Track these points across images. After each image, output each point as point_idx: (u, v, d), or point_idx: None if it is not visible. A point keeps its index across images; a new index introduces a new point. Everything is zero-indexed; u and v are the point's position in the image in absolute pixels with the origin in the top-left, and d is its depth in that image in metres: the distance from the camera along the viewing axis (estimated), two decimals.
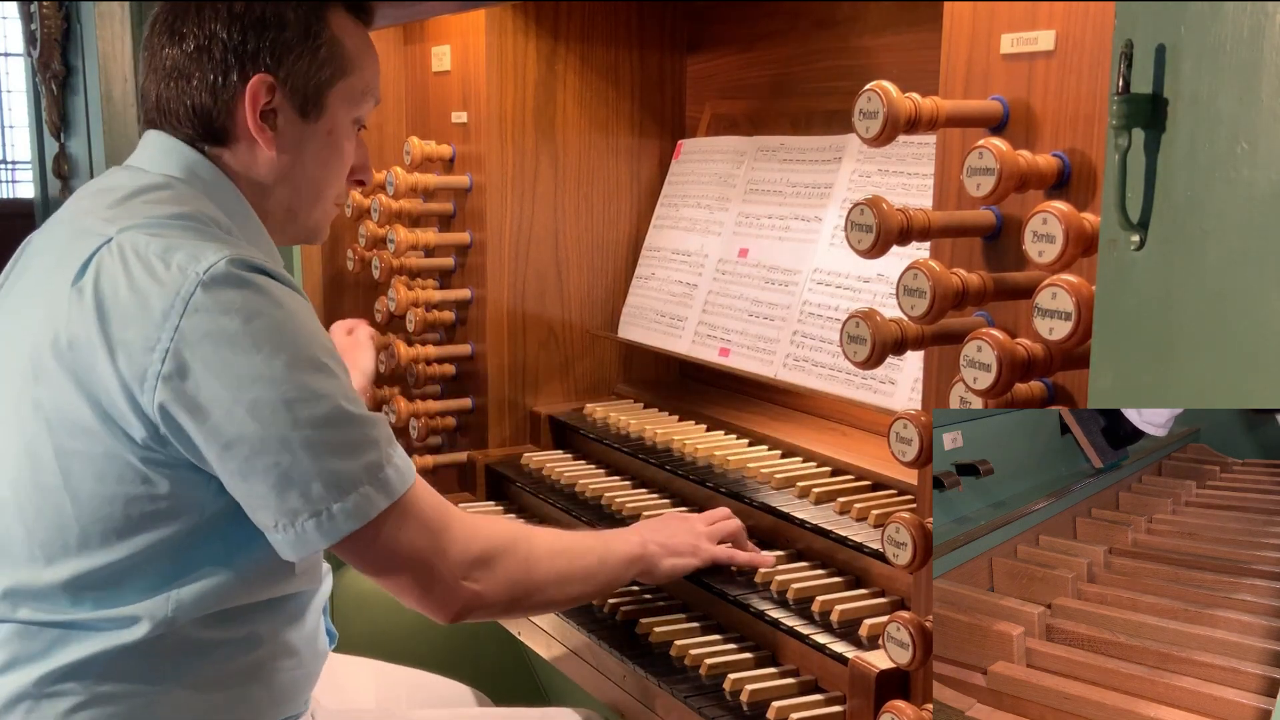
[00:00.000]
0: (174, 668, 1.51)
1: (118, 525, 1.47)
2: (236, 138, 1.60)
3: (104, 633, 1.48)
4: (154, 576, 1.49)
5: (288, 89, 1.60)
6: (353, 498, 1.45)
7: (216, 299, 1.41)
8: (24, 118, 5.70)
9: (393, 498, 1.48)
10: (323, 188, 1.69)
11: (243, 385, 1.41)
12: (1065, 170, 1.29)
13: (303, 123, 1.62)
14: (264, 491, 1.43)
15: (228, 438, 1.41)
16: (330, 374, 1.47)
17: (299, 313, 1.47)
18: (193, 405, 1.41)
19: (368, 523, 1.46)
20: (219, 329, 1.41)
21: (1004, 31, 1.34)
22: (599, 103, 2.55)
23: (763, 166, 2.34)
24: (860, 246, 1.32)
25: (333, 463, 1.44)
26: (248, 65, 1.57)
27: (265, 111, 1.59)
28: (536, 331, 2.55)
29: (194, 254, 1.43)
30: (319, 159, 1.66)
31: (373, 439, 1.48)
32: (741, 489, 2.00)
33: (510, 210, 2.48)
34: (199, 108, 1.59)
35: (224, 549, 1.50)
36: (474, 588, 1.58)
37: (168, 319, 1.40)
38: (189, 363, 1.40)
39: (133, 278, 1.44)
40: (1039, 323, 1.16)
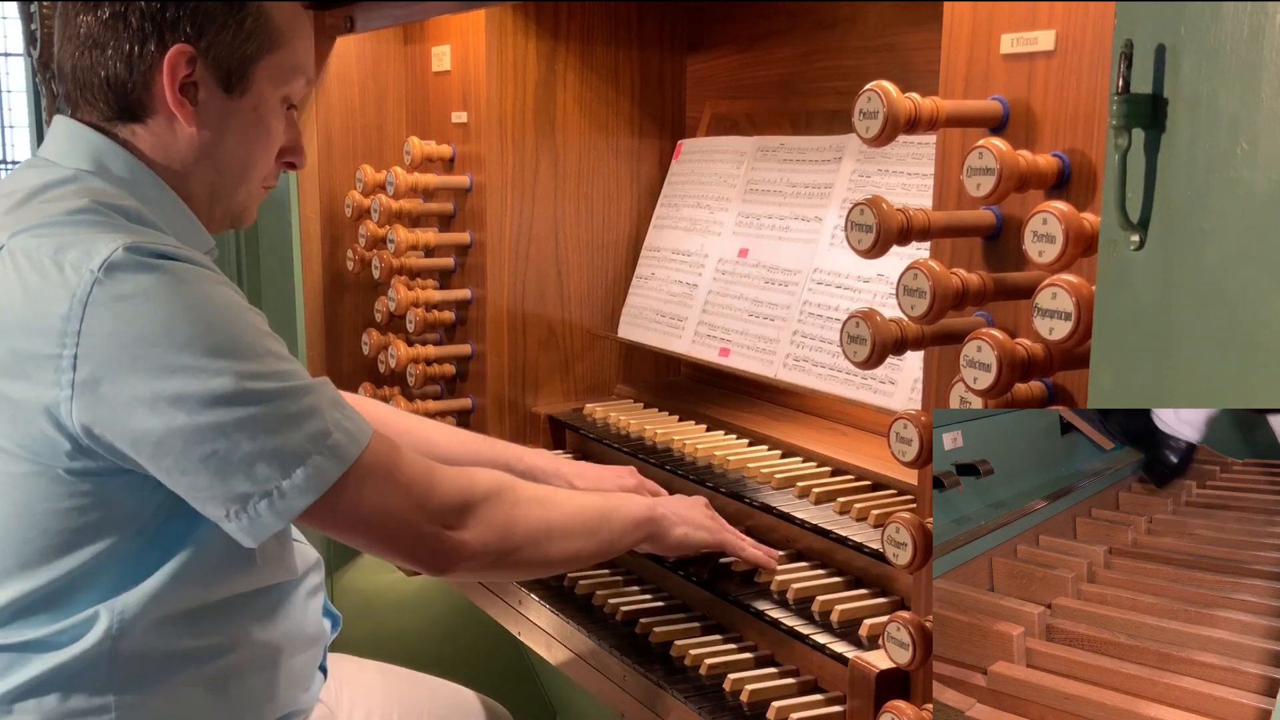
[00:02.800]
0: (141, 678, 1.48)
1: (54, 542, 1.42)
2: (154, 112, 1.52)
3: (60, 649, 1.45)
4: (103, 588, 1.45)
5: (209, 60, 1.51)
6: (302, 470, 1.38)
7: (115, 293, 1.33)
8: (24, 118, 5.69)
9: (346, 463, 1.42)
10: (248, 167, 1.60)
11: (160, 379, 1.33)
12: (1065, 170, 1.29)
13: (226, 98, 1.54)
14: (207, 482, 1.37)
15: (157, 436, 1.35)
16: (253, 349, 1.39)
17: (210, 292, 1.39)
18: (113, 412, 1.35)
19: (324, 492, 1.40)
20: (123, 325, 1.33)
21: (1004, 31, 1.34)
22: (599, 103, 2.55)
23: (763, 166, 2.34)
24: (860, 246, 1.32)
25: (273, 439, 1.37)
26: (166, 34, 1.48)
27: (185, 84, 1.50)
28: (536, 331, 2.55)
29: (86, 250, 1.36)
30: (244, 136, 1.57)
31: (312, 407, 1.41)
32: (741, 489, 2.00)
33: (510, 210, 2.48)
34: (114, 79, 1.50)
35: (169, 550, 1.46)
36: (459, 536, 1.52)
37: (68, 323, 1.34)
38: (100, 367, 1.34)
39: (26, 285, 1.37)
40: (1039, 323, 1.16)
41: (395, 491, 1.47)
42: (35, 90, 4.14)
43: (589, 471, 2.07)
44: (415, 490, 1.49)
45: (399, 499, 1.48)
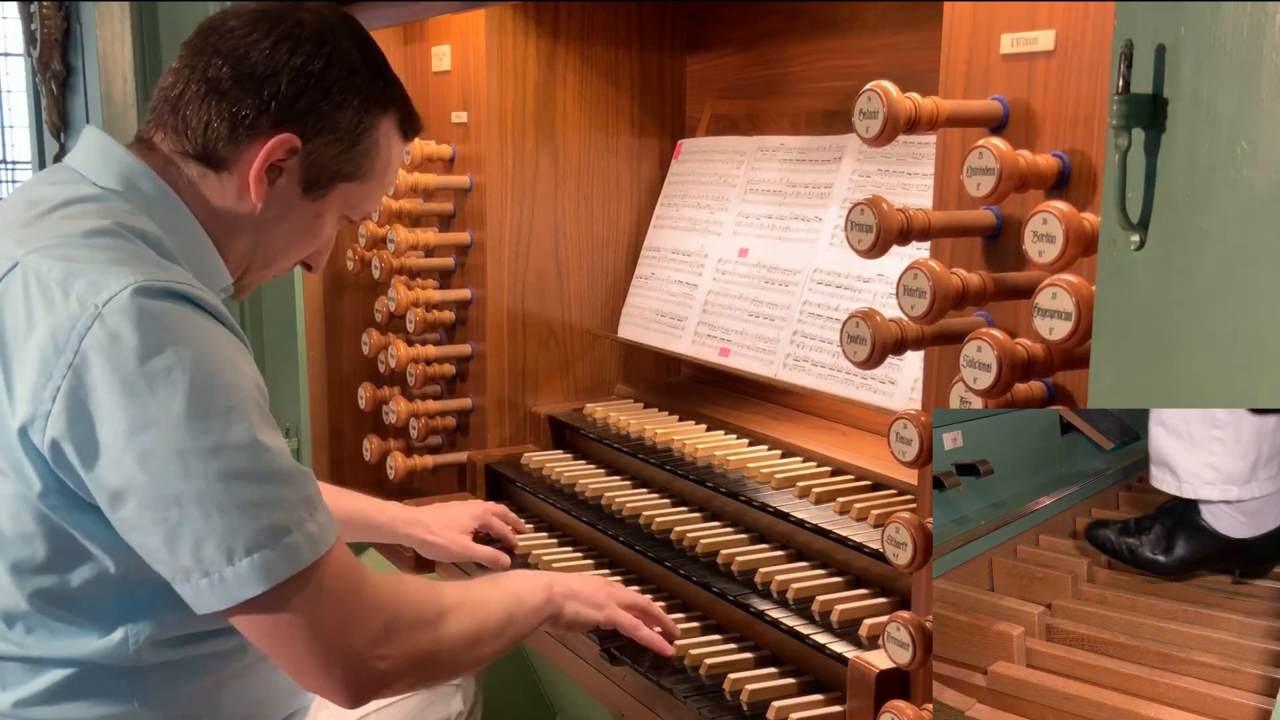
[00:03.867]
0: (159, 685, 1.49)
1: (47, 561, 1.41)
2: (230, 172, 1.53)
3: (71, 663, 1.45)
4: (105, 608, 1.44)
5: (306, 160, 1.54)
6: (247, 562, 1.32)
7: (113, 333, 1.31)
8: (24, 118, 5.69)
9: (297, 566, 1.34)
10: (282, 257, 1.64)
11: (134, 432, 1.30)
12: (1065, 170, 1.29)
13: (300, 195, 1.57)
14: (155, 545, 1.34)
15: (114, 487, 1.32)
16: (238, 421, 1.34)
17: (213, 348, 1.36)
18: (82, 448, 1.32)
19: (267, 590, 1.33)
20: (113, 368, 1.31)
21: (1004, 31, 1.34)
22: (599, 103, 2.55)
23: (763, 166, 2.34)
24: (860, 246, 1.32)
25: (226, 521, 1.32)
26: (285, 120, 1.51)
27: (272, 167, 1.53)
28: (536, 331, 2.55)
29: (95, 282, 1.34)
30: (294, 233, 1.61)
31: (280, 498, 1.35)
32: (741, 489, 2.00)
33: (510, 210, 2.48)
34: (213, 131, 1.51)
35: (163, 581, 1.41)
36: (380, 667, 1.41)
37: (61, 355, 1.32)
38: (81, 404, 1.31)
39: (31, 309, 1.36)
40: (1039, 323, 1.16)
41: (334, 611, 1.38)
42: (35, 90, 4.13)
43: (445, 514, 2.15)
44: (349, 613, 1.39)
45: (333, 619, 1.38)
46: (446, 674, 1.61)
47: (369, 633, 1.40)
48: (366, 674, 1.41)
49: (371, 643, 1.41)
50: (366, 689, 1.42)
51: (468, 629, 1.53)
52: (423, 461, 2.52)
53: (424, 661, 1.47)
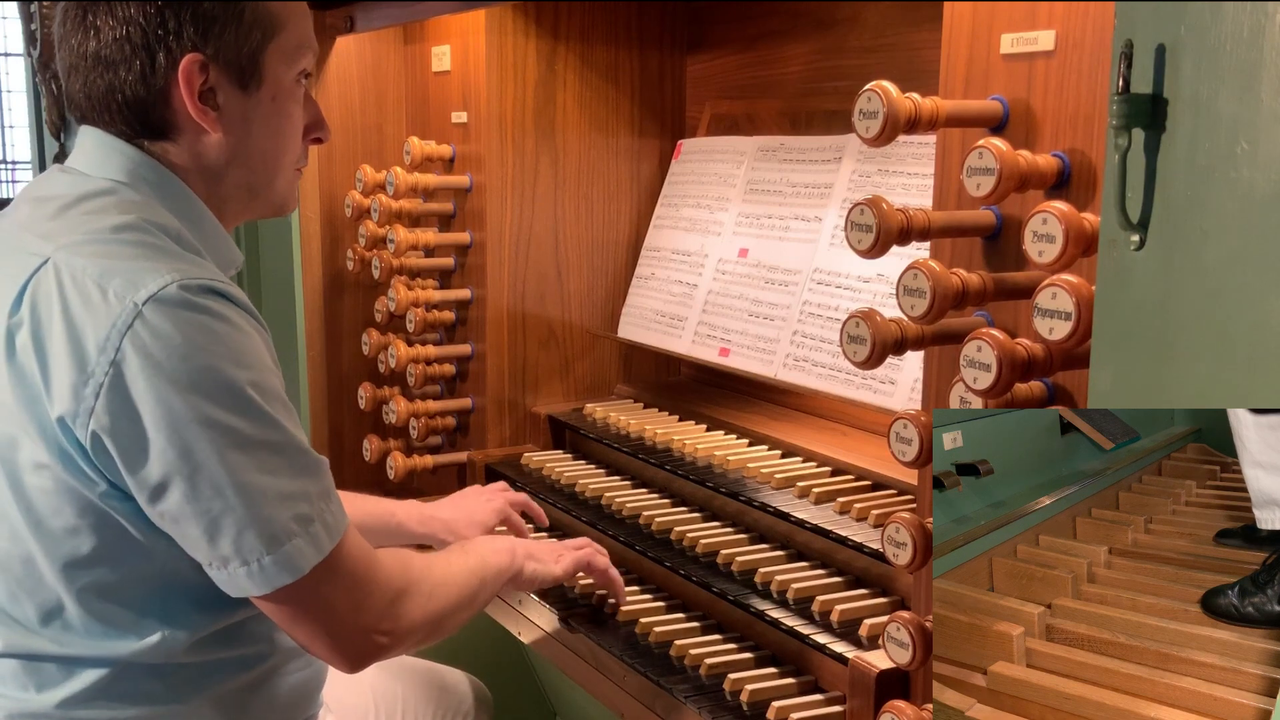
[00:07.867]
0: (193, 684, 1.50)
1: (94, 553, 1.43)
2: (179, 128, 1.51)
3: (108, 663, 1.46)
4: (147, 605, 1.46)
5: (220, 63, 1.49)
6: (283, 550, 1.39)
7: (155, 330, 1.34)
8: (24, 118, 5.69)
9: (322, 554, 1.42)
10: (279, 157, 1.59)
11: (177, 427, 1.34)
12: (1065, 170, 1.29)
13: (244, 95, 1.52)
14: (196, 535, 1.38)
15: (156, 480, 1.36)
16: (273, 415, 1.39)
17: (247, 344, 1.40)
18: (124, 443, 1.35)
19: (300, 577, 1.41)
20: (155, 365, 1.33)
21: (1004, 31, 1.34)
22: (599, 103, 2.55)
23: (763, 166, 2.34)
24: (860, 246, 1.32)
25: (266, 511, 1.37)
26: (173, 46, 1.46)
27: (203, 92, 1.49)
28: (536, 331, 2.55)
29: (132, 279, 1.36)
30: (268, 129, 1.56)
31: (306, 491, 1.41)
32: (741, 489, 2.00)
33: (510, 210, 2.48)
34: (133, 101, 1.48)
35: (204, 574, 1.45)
36: (381, 641, 1.52)
37: (103, 353, 1.34)
38: (125, 399, 1.34)
39: (68, 307, 1.37)
40: (1039, 323, 1.16)
41: (346, 592, 1.47)
42: (35, 90, 4.14)
43: (466, 511, 2.11)
44: (359, 593, 1.48)
45: (346, 599, 1.47)
46: (430, 641, 1.69)
47: (376, 610, 1.51)
48: (369, 646, 1.52)
49: (378, 618, 1.51)
50: (366, 658, 1.54)
51: (452, 599, 1.64)
52: (423, 461, 2.53)
53: (415, 630, 1.57)
